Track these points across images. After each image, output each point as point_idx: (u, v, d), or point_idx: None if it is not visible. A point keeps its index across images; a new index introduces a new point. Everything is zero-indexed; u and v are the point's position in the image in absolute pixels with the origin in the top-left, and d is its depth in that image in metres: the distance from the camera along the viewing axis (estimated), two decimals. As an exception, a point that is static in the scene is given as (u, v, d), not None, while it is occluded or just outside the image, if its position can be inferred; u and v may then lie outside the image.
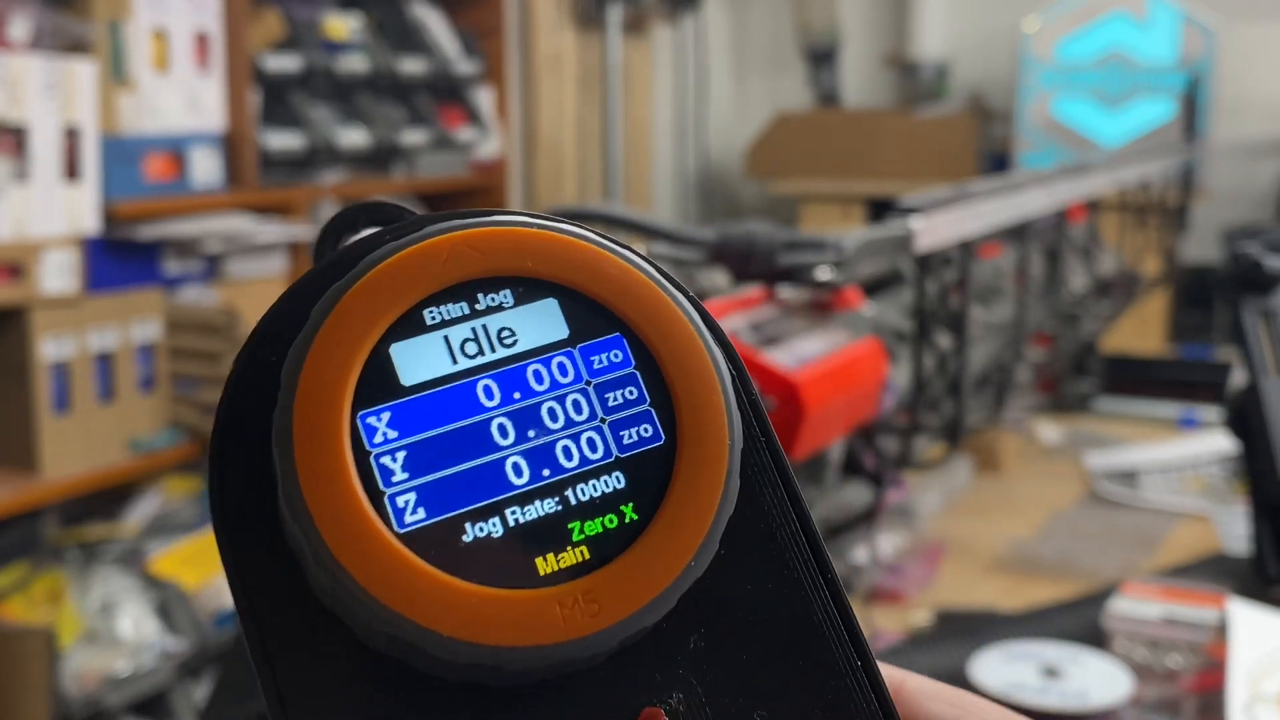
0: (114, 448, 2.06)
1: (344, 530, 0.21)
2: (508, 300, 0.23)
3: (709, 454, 0.22)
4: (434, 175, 2.81)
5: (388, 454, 0.21)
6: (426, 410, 0.22)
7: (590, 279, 0.23)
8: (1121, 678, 0.86)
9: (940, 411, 1.07)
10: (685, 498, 0.22)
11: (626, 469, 0.22)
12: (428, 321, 0.22)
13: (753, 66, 4.29)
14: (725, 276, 0.88)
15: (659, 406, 0.23)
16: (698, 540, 0.22)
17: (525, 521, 0.22)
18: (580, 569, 0.21)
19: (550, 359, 0.23)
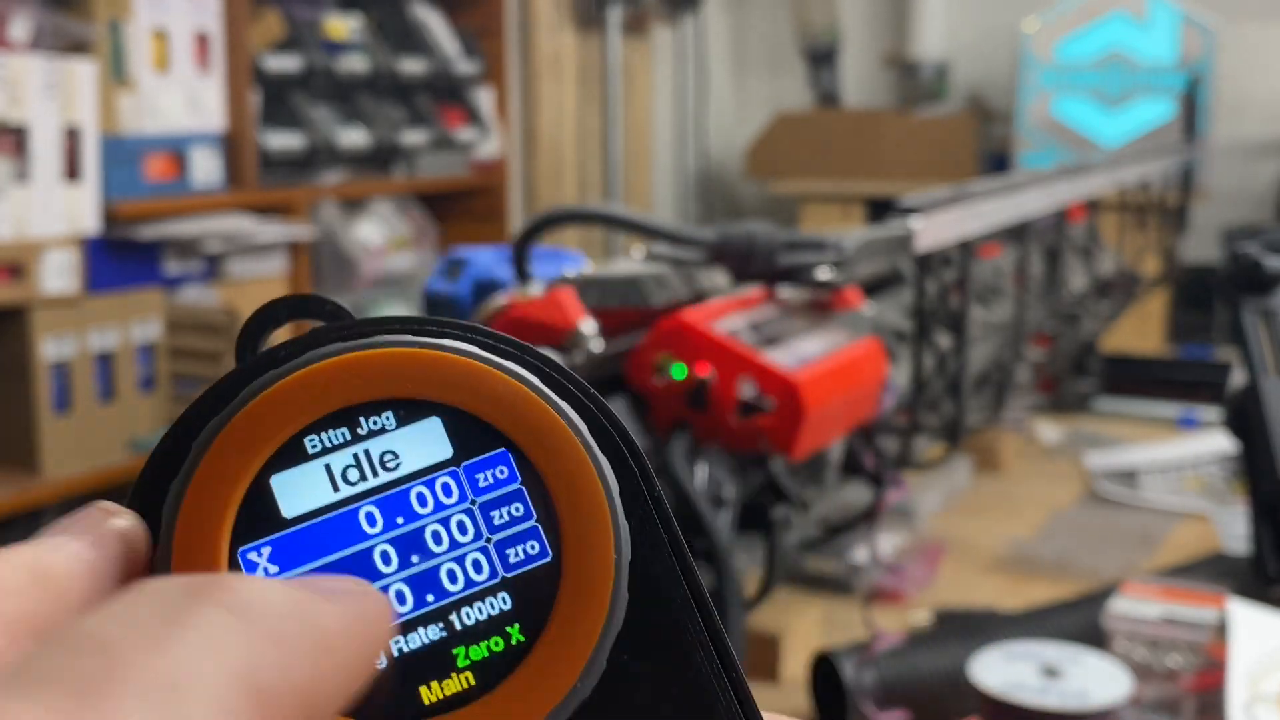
0: (114, 448, 2.06)
1: None
2: (390, 423, 0.23)
3: (594, 572, 0.22)
4: (434, 175, 2.81)
5: None
6: (308, 542, 0.22)
7: (471, 396, 0.23)
8: (1121, 677, 0.86)
9: (940, 411, 1.07)
10: (570, 618, 0.22)
11: (512, 589, 0.22)
12: (309, 450, 0.22)
13: (753, 66, 4.29)
14: (725, 276, 0.88)
15: (546, 522, 0.23)
16: (581, 662, 0.22)
17: (409, 650, 0.22)
18: (465, 697, 0.21)
19: (434, 480, 0.23)
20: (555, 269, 0.91)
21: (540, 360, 0.24)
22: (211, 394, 0.23)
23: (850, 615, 1.11)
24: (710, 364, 0.77)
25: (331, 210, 2.57)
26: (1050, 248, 1.46)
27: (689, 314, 0.79)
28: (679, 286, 0.85)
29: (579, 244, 3.29)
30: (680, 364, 0.77)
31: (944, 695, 0.92)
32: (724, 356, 0.77)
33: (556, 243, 2.64)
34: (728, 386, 0.77)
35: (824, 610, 1.14)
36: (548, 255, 1.05)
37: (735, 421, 0.77)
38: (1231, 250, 1.11)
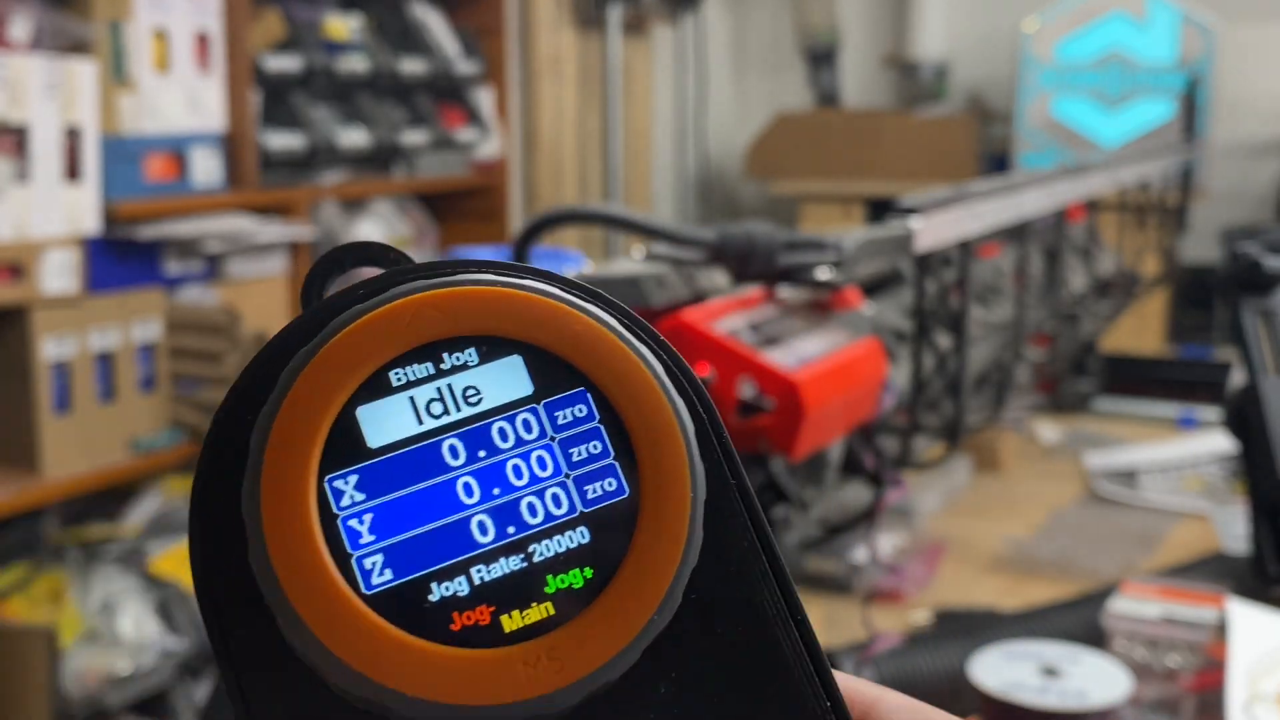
0: (114, 448, 2.06)
1: (311, 595, 0.21)
2: (472, 359, 0.23)
3: (671, 508, 0.23)
4: (434, 175, 2.81)
5: (355, 516, 0.22)
6: (393, 472, 0.22)
7: (553, 336, 0.23)
8: (1121, 677, 0.86)
9: (940, 411, 1.07)
10: (647, 553, 0.22)
11: (591, 524, 0.23)
12: (393, 383, 0.23)
13: (753, 66, 4.29)
14: (725, 276, 0.88)
15: (623, 459, 0.23)
16: (659, 596, 0.22)
17: (490, 580, 0.22)
18: (545, 625, 0.22)
19: (515, 416, 0.23)
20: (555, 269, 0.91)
21: (615, 307, 0.24)
22: (296, 327, 0.23)
23: (850, 615, 1.11)
24: (710, 364, 0.77)
25: (331, 210, 2.57)
26: (1050, 248, 1.46)
27: (689, 314, 0.79)
28: (679, 286, 0.85)
29: (579, 244, 3.29)
30: (680, 364, 0.77)
31: (943, 695, 0.93)
32: (724, 356, 0.77)
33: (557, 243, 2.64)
34: (728, 386, 0.77)
35: (824, 610, 1.14)
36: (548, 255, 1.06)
37: (735, 421, 0.77)
38: (1231, 250, 1.12)
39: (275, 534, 0.21)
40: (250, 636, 0.22)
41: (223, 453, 0.23)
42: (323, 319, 0.23)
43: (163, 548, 2.11)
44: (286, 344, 0.23)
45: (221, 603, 0.22)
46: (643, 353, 0.24)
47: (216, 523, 0.22)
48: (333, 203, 2.58)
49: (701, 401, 0.24)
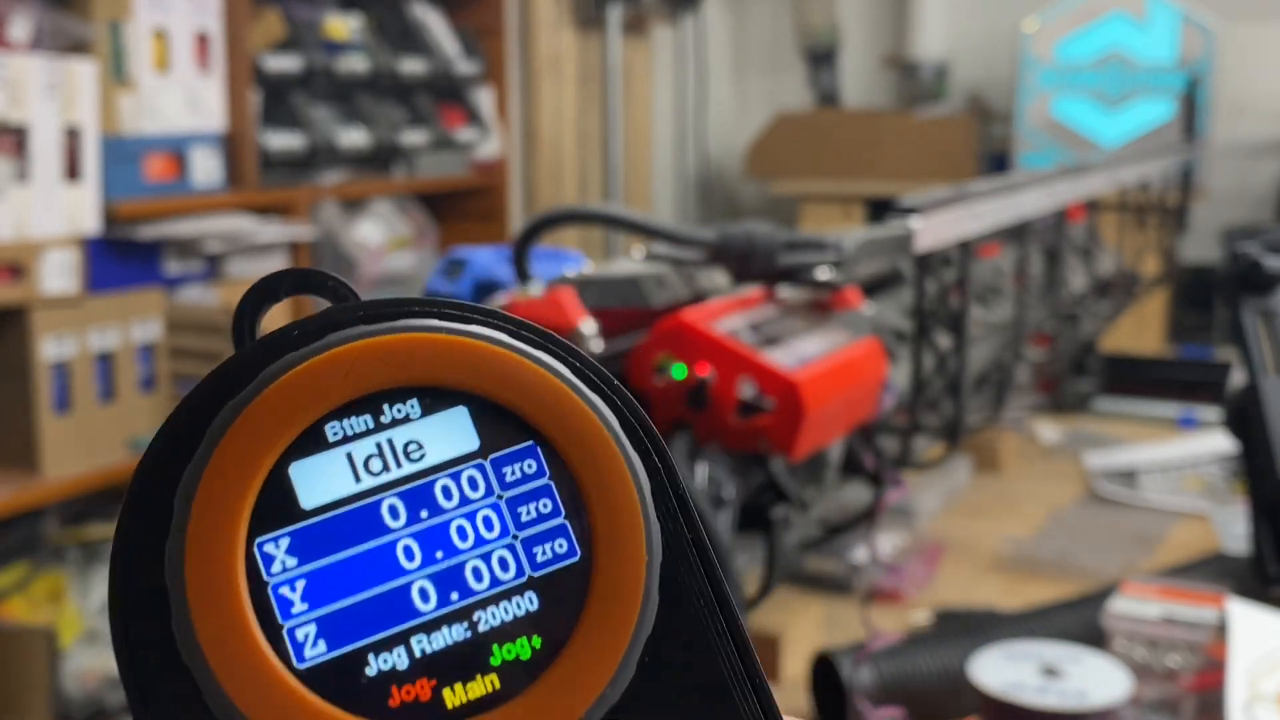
0: (114, 448, 2.06)
1: (238, 669, 0.20)
2: (414, 411, 0.22)
3: (625, 572, 0.21)
4: (434, 175, 2.81)
5: (286, 584, 0.21)
6: (327, 534, 0.21)
7: (501, 386, 0.22)
8: (1121, 677, 0.86)
9: (940, 411, 1.07)
10: (599, 621, 0.21)
11: (540, 589, 0.21)
12: (329, 438, 0.21)
13: (753, 66, 4.29)
14: (725, 276, 0.88)
15: (574, 519, 0.22)
16: (612, 668, 0.21)
17: (432, 651, 0.21)
18: (489, 701, 0.21)
19: (460, 472, 0.22)
20: (555, 269, 0.91)
21: (566, 351, 0.23)
22: (222, 376, 0.22)
23: (850, 615, 1.11)
24: (710, 364, 0.77)
25: (331, 210, 2.57)
26: (1050, 248, 1.46)
27: (689, 314, 0.79)
28: (679, 286, 0.85)
29: (579, 244, 3.29)
30: (680, 364, 0.77)
31: (943, 695, 0.93)
32: (724, 356, 0.77)
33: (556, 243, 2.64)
34: (728, 386, 0.77)
35: (824, 610, 1.14)
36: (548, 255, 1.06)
37: (735, 421, 0.77)
38: (1231, 250, 1.12)
39: (200, 602, 0.20)
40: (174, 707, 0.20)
41: (145, 511, 0.21)
42: (253, 367, 0.22)
43: (163, 548, 2.11)
44: (213, 394, 0.21)
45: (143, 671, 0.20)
46: (596, 404, 0.22)
47: (138, 585, 0.21)
48: (333, 203, 2.58)
49: (658, 451, 0.23)
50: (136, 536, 0.21)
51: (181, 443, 0.21)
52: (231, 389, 0.21)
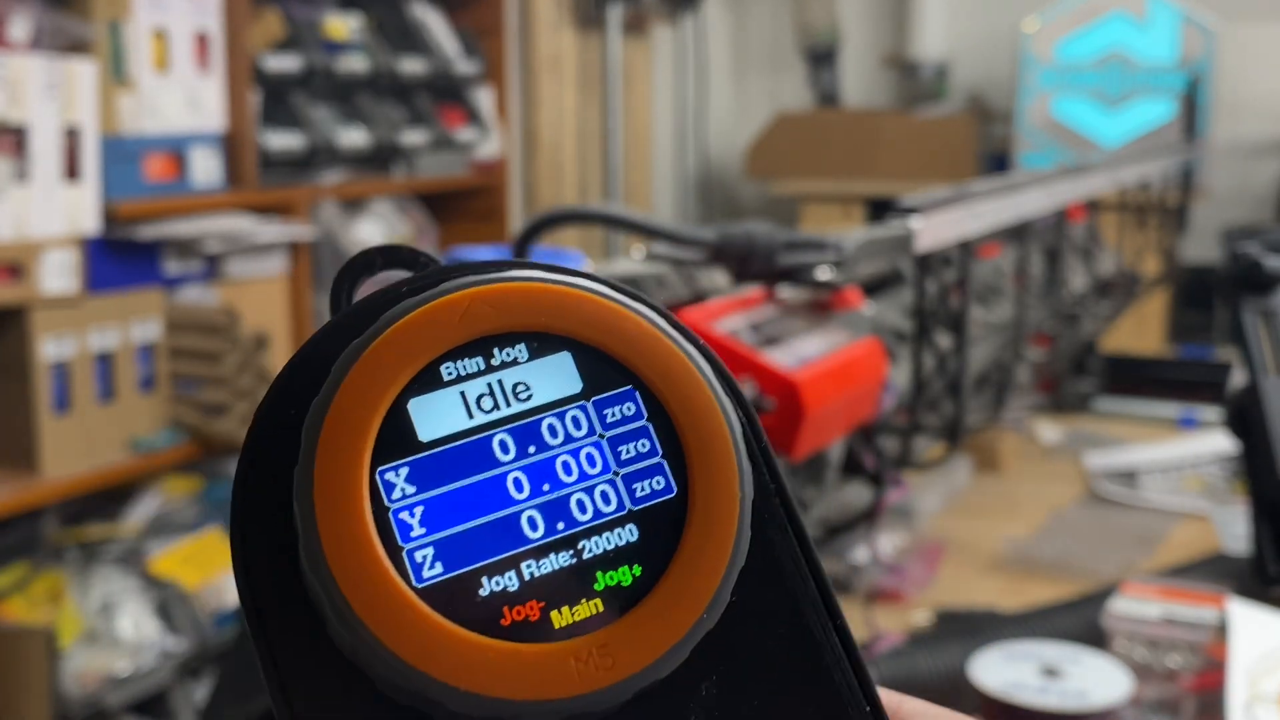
0: (114, 448, 2.06)
1: (364, 586, 0.21)
2: (522, 355, 0.23)
3: (720, 508, 0.23)
4: (434, 175, 2.81)
5: (406, 509, 0.22)
6: (443, 465, 0.22)
7: (603, 333, 0.23)
8: (1121, 678, 0.86)
9: (940, 411, 1.07)
10: (697, 551, 0.22)
11: (639, 522, 0.23)
12: (445, 377, 0.23)
13: (753, 66, 4.29)
14: (725, 276, 0.88)
15: (671, 458, 0.23)
16: (709, 594, 0.22)
17: (540, 575, 0.22)
18: (595, 622, 0.22)
19: (565, 413, 0.23)
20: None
21: (660, 309, 0.24)
22: (344, 321, 0.23)
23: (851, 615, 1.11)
24: (710, 364, 0.77)
25: (331, 210, 2.57)
26: (1050, 248, 1.46)
27: (688, 314, 0.79)
28: (679, 286, 0.85)
29: (579, 244, 3.29)
30: (680, 364, 0.77)
31: (944, 695, 0.92)
32: (724, 356, 0.77)
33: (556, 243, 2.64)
34: (728, 386, 0.77)
35: (824, 610, 1.14)
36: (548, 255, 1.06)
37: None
38: (1231, 250, 1.11)
39: (328, 525, 0.21)
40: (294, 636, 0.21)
41: (266, 447, 0.22)
42: (373, 312, 0.23)
43: (162, 548, 2.11)
44: (335, 338, 0.23)
45: (264, 601, 0.22)
46: (691, 353, 0.24)
47: (259, 517, 0.22)
48: (332, 203, 2.58)
49: (742, 405, 0.24)
50: (257, 470, 0.22)
51: (302, 381, 0.23)
52: (354, 331, 0.23)
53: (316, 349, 0.23)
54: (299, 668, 0.21)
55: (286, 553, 0.22)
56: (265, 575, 0.22)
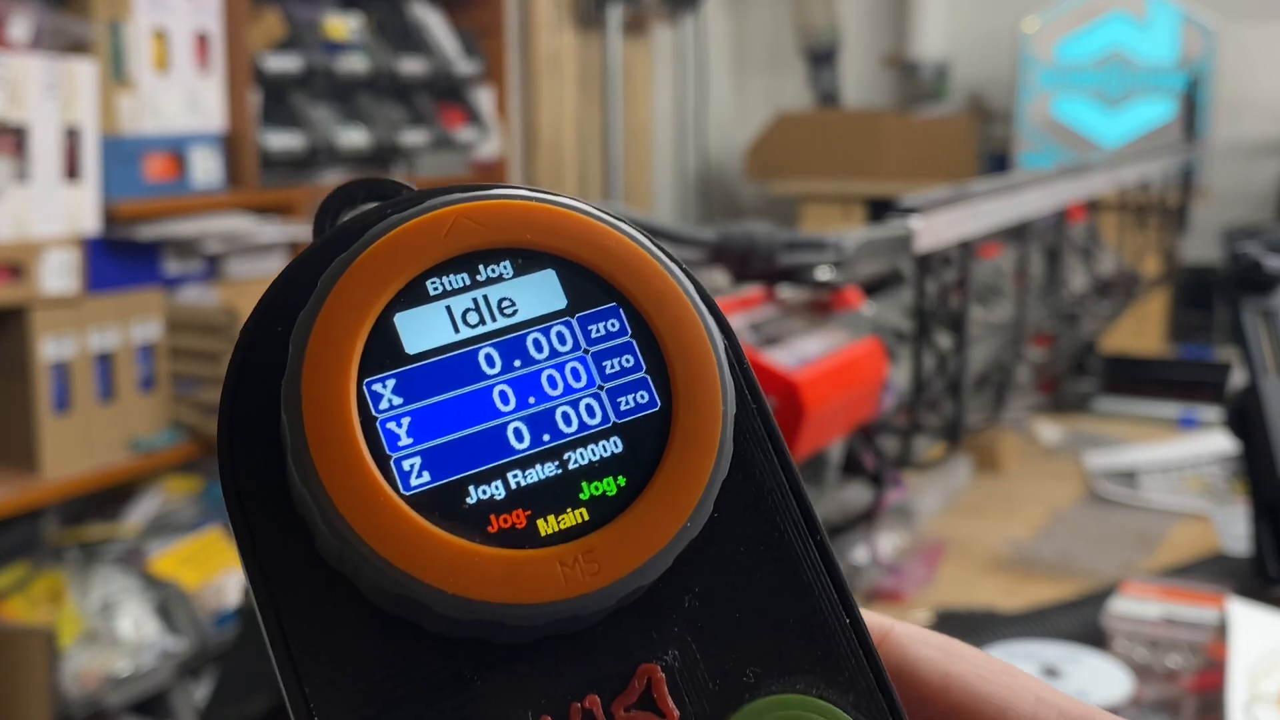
0: (114, 448, 2.06)
1: (352, 493, 0.21)
2: (507, 271, 0.23)
3: (703, 420, 0.23)
4: (434, 175, 2.81)
5: (393, 419, 0.22)
6: (430, 377, 0.22)
7: (587, 250, 0.24)
8: (1121, 678, 0.86)
9: (940, 411, 1.07)
10: (680, 462, 0.23)
11: (624, 434, 0.23)
12: (430, 292, 0.23)
13: (753, 66, 4.29)
14: (725, 276, 0.88)
15: (654, 373, 0.23)
16: (692, 503, 0.22)
17: (526, 484, 0.22)
18: (580, 530, 0.22)
19: (549, 328, 0.23)
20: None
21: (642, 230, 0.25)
22: (332, 238, 0.24)
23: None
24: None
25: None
26: (1050, 248, 1.46)
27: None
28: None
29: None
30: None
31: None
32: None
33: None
34: (728, 386, 0.77)
35: (824, 610, 1.14)
36: None
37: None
38: (1231, 250, 1.12)
39: (316, 433, 0.21)
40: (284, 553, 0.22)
41: (252, 365, 0.23)
42: (358, 229, 0.23)
43: (162, 548, 2.11)
44: (321, 255, 0.23)
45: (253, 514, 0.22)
46: (673, 269, 0.24)
47: (247, 437, 0.22)
48: (332, 203, 2.58)
49: (723, 325, 0.24)
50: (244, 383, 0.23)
51: (288, 295, 0.23)
52: (340, 248, 0.23)
53: (303, 267, 0.23)
54: (287, 581, 0.22)
55: (274, 465, 0.22)
56: (253, 489, 0.22)
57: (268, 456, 0.22)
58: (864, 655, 0.23)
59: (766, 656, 0.23)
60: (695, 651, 0.23)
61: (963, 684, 0.25)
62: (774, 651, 0.23)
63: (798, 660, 0.23)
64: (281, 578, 0.22)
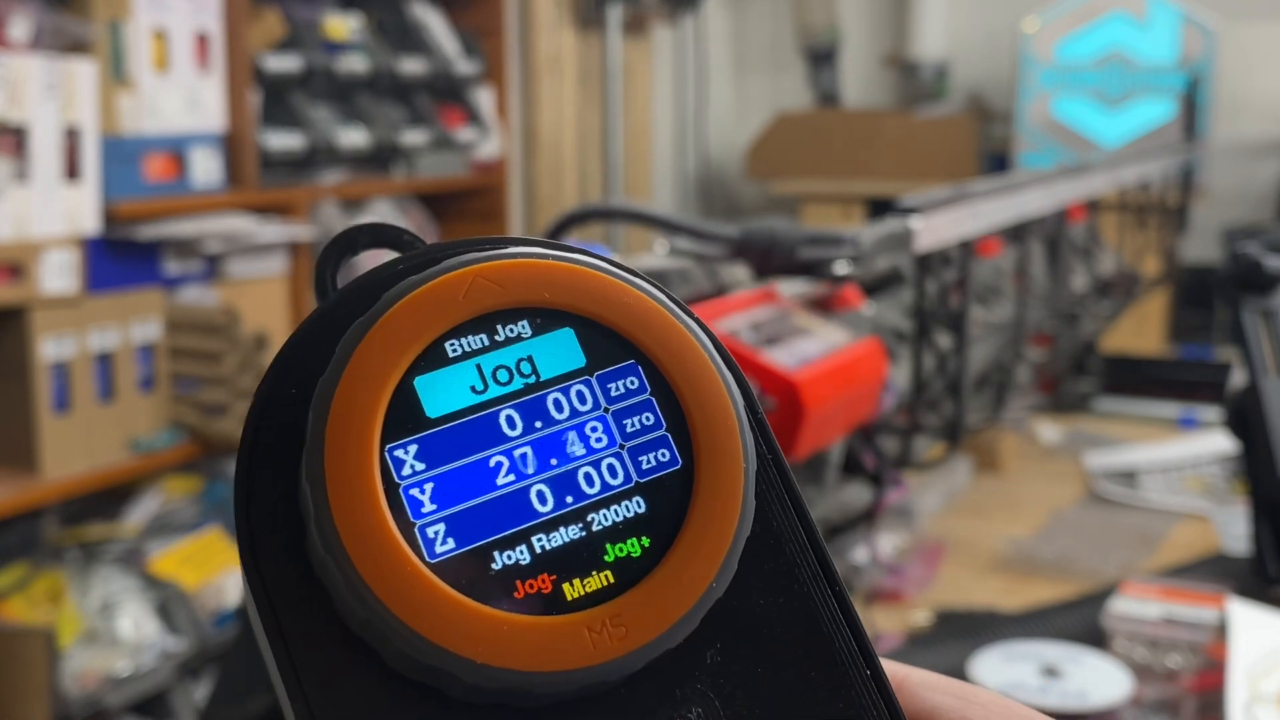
0: (114, 448, 2.06)
1: (378, 562, 0.21)
2: (525, 331, 0.23)
3: (726, 477, 0.23)
4: (434, 175, 2.81)
5: (416, 486, 0.22)
6: (452, 441, 0.22)
7: (605, 308, 0.24)
8: (1121, 678, 0.86)
9: (940, 411, 1.07)
10: (705, 521, 0.23)
11: (646, 494, 0.23)
12: (450, 354, 0.23)
13: (753, 66, 4.29)
14: (746, 271, 0.88)
15: (675, 431, 0.23)
16: (718, 562, 0.22)
17: (551, 549, 0.22)
18: (606, 593, 0.22)
19: (569, 387, 0.23)
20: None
21: (655, 284, 0.25)
22: (346, 298, 0.24)
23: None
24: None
25: (331, 210, 2.57)
26: (1051, 236, 1.46)
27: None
28: (702, 280, 0.86)
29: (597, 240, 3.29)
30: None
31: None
32: (724, 356, 0.77)
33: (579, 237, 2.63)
34: (728, 386, 0.77)
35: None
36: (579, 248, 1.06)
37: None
38: (1231, 250, 1.12)
39: (340, 502, 0.21)
40: (302, 615, 0.22)
41: (268, 429, 0.23)
42: (375, 291, 0.23)
43: (162, 548, 2.11)
44: (335, 316, 0.23)
45: (272, 581, 0.22)
46: (692, 327, 0.24)
47: (265, 504, 0.22)
48: (332, 203, 2.58)
49: (737, 377, 0.24)
50: (261, 451, 0.22)
51: (306, 359, 0.23)
52: (355, 310, 0.23)
53: (316, 328, 0.23)
54: (309, 647, 0.21)
55: (293, 530, 0.22)
56: (272, 555, 0.22)
57: (287, 521, 0.22)
58: (885, 707, 0.23)
59: (790, 710, 0.23)
60: (718, 707, 0.23)
61: None
62: (797, 704, 0.23)
63: (820, 713, 0.23)
64: (302, 643, 0.21)
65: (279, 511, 0.22)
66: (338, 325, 0.23)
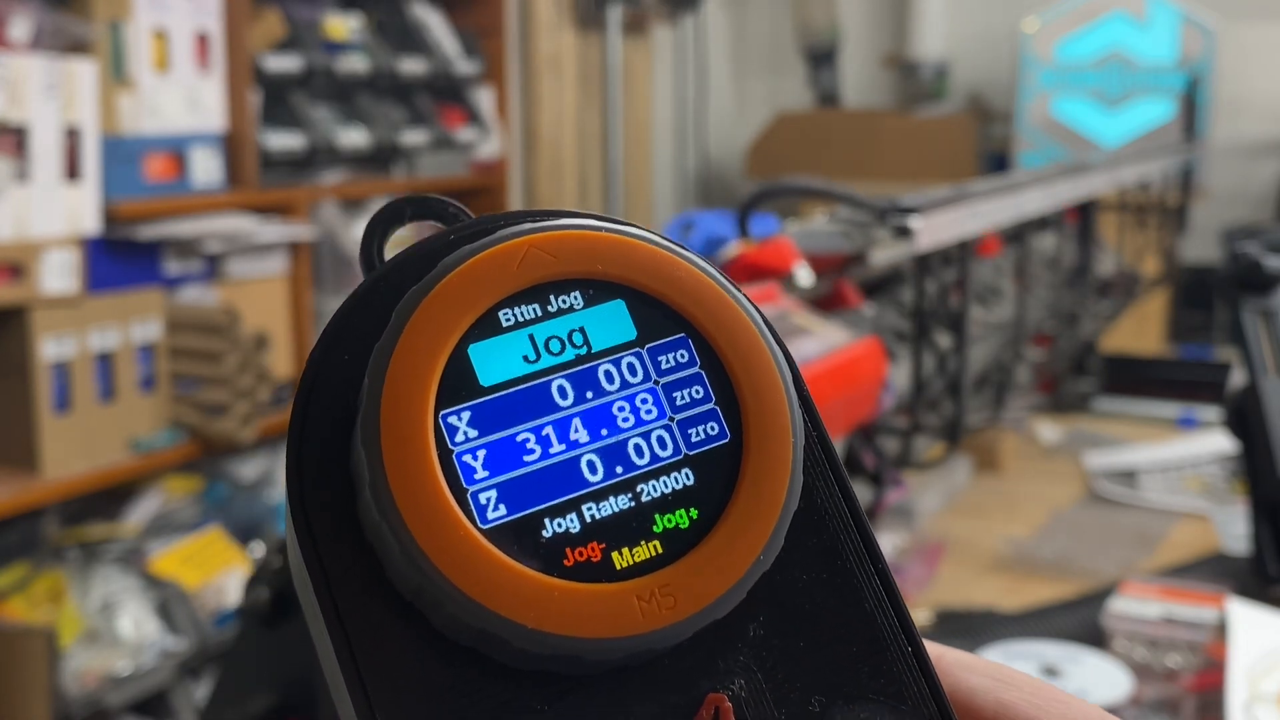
0: (114, 448, 2.06)
1: (431, 527, 0.21)
2: (578, 302, 0.24)
3: (774, 452, 0.23)
4: (434, 175, 2.81)
5: (469, 452, 0.22)
6: (504, 410, 0.23)
7: (657, 281, 0.24)
8: (1121, 677, 0.86)
9: (940, 411, 1.07)
10: (753, 494, 0.23)
11: (695, 466, 0.23)
12: (503, 323, 0.23)
13: (753, 66, 4.29)
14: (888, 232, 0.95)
15: (724, 405, 0.24)
16: (765, 535, 0.23)
17: (601, 517, 0.22)
18: (655, 563, 0.22)
19: (620, 359, 0.23)
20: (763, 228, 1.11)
21: (707, 261, 0.25)
22: (400, 266, 0.24)
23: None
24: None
25: (331, 210, 2.57)
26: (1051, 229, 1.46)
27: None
28: (857, 238, 0.95)
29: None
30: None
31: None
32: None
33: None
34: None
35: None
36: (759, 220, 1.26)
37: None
38: (1231, 250, 1.12)
39: (395, 467, 0.21)
40: (356, 586, 0.22)
41: (320, 397, 0.23)
42: (430, 259, 0.23)
43: (162, 547, 2.11)
44: (387, 286, 0.23)
45: (324, 546, 0.22)
46: (742, 300, 0.24)
47: (316, 470, 0.22)
48: (333, 203, 2.58)
49: (786, 354, 0.24)
50: (313, 416, 0.23)
51: (358, 325, 0.23)
52: (410, 276, 0.23)
53: (368, 296, 0.24)
54: (358, 610, 0.22)
55: (345, 496, 0.22)
56: (323, 521, 0.22)
57: (336, 485, 0.22)
58: (926, 684, 0.24)
59: (831, 685, 0.23)
60: (761, 680, 0.23)
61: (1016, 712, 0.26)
62: (839, 680, 0.23)
63: (862, 689, 0.23)
64: (352, 606, 0.22)
65: (331, 477, 0.22)
66: (390, 294, 0.23)
